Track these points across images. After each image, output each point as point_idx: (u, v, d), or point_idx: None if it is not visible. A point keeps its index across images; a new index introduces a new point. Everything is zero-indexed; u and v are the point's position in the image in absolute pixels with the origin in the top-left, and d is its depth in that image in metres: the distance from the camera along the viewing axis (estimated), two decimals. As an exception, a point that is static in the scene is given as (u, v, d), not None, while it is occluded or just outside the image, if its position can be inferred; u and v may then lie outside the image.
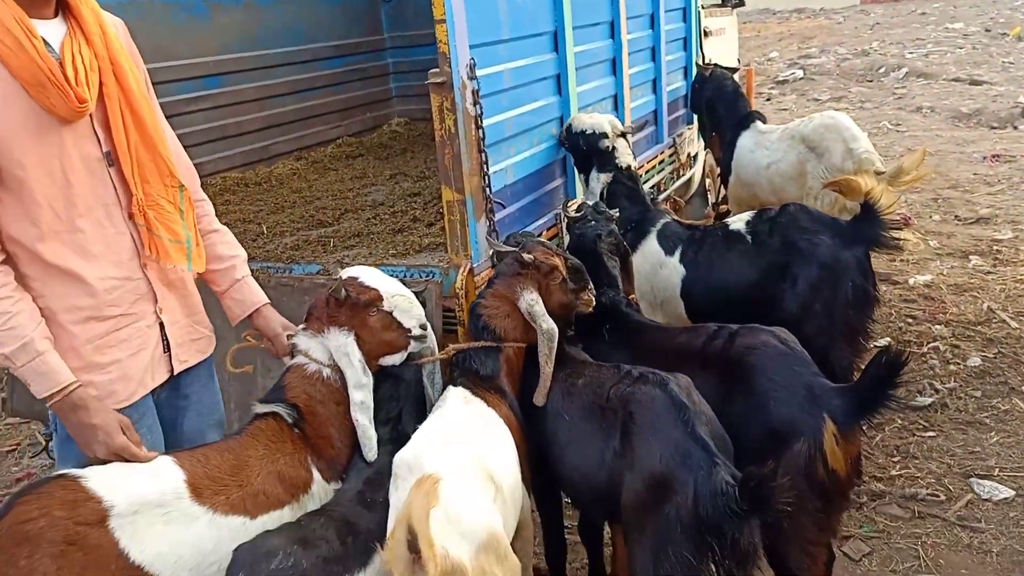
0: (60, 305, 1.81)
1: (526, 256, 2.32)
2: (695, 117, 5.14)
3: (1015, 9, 16.95)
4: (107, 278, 1.85)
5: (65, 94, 1.70)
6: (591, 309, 2.43)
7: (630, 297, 2.71)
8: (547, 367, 2.25)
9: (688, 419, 1.99)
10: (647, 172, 4.51)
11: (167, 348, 2.00)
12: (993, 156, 7.47)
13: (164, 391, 2.04)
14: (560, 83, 3.52)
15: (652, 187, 4.57)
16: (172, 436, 2.08)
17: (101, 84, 1.80)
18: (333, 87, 5.51)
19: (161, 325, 1.99)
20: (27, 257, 1.77)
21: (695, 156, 5.42)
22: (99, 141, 1.82)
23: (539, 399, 2.25)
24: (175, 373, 2.03)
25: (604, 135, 3.33)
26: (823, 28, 17.98)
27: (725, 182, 4.82)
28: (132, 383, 1.91)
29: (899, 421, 3.58)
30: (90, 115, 1.79)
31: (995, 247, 5.34)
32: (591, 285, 2.41)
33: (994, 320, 4.36)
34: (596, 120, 3.35)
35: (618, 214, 2.85)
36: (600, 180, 3.38)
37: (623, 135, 3.37)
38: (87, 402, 1.77)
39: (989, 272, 4.99)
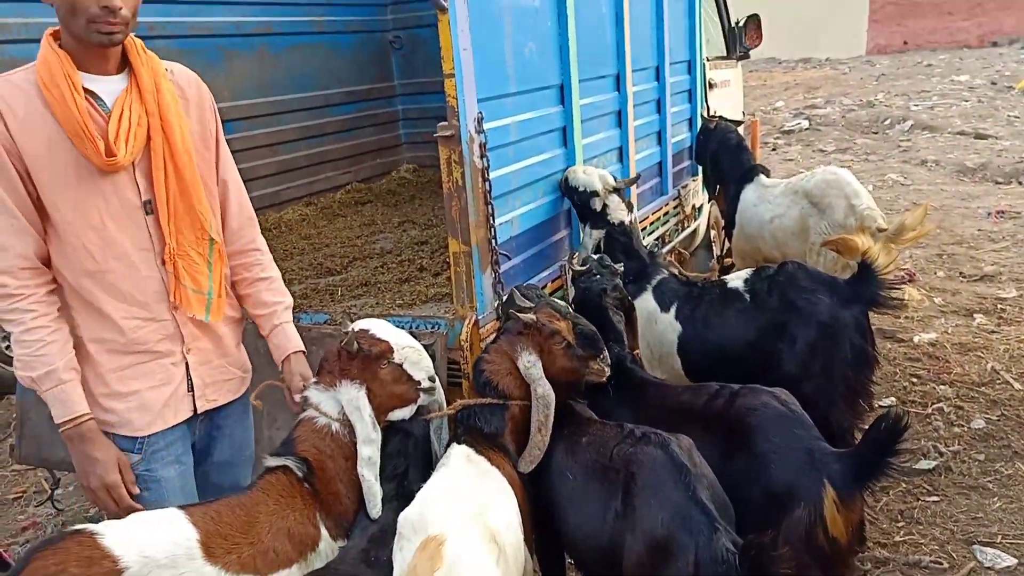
0: (90, 336, 1.98)
1: (526, 317, 2.33)
2: (700, 169, 5.19)
3: (1021, 63, 17.13)
4: (132, 318, 1.99)
5: (95, 148, 1.85)
6: (603, 379, 2.41)
7: (634, 352, 2.72)
8: (539, 434, 2.23)
9: (689, 482, 1.99)
10: (652, 224, 4.54)
11: (191, 387, 2.10)
12: (998, 212, 7.51)
13: (203, 420, 2.18)
14: (566, 135, 3.57)
15: (657, 239, 4.61)
16: (204, 464, 2.24)
17: (149, 138, 1.94)
18: (344, 133, 5.58)
19: (187, 365, 2.09)
20: (68, 288, 1.97)
21: (700, 208, 5.46)
22: (139, 190, 1.97)
23: (524, 466, 2.24)
24: (198, 412, 2.13)
25: (595, 193, 3.35)
26: (829, 79, 18.19)
27: (729, 235, 4.86)
28: (149, 415, 2.03)
29: (903, 485, 3.55)
30: (133, 165, 1.94)
31: (999, 306, 5.34)
32: (605, 354, 2.39)
33: (998, 381, 4.35)
34: (588, 178, 3.38)
35: (622, 268, 2.87)
36: (592, 236, 3.40)
37: (616, 190, 3.39)
38: (94, 435, 1.94)
39: (993, 331, 4.99)
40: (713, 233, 6.01)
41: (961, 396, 4.24)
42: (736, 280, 3.16)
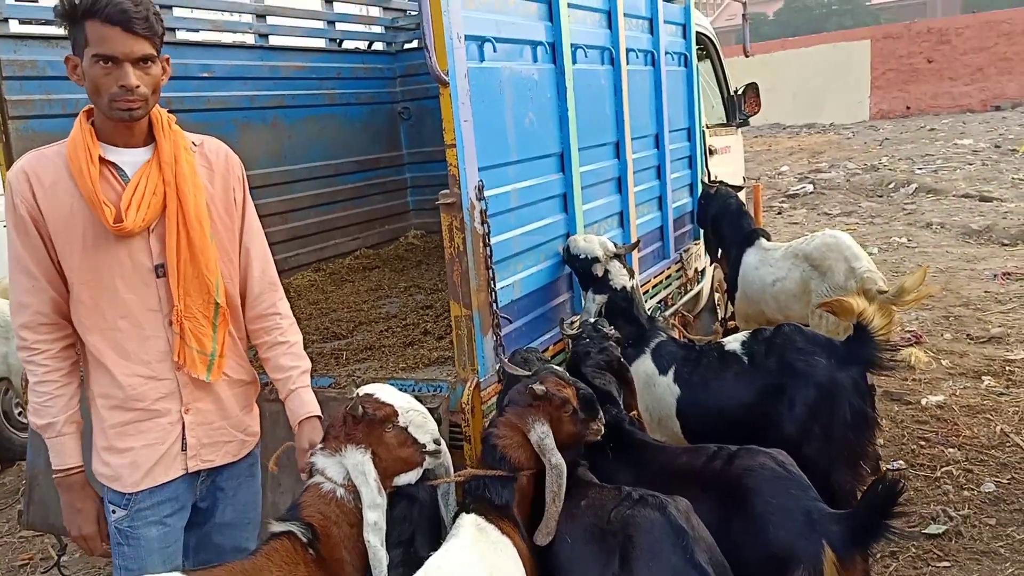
0: (98, 391, 2.10)
1: (539, 388, 2.32)
2: (702, 233, 5.27)
3: None
4: (133, 375, 2.08)
5: (103, 214, 1.96)
6: (599, 438, 2.42)
7: (631, 414, 2.74)
8: (554, 505, 2.22)
9: (687, 545, 1.99)
10: (654, 287, 4.59)
11: (185, 447, 2.15)
12: (1004, 274, 7.53)
13: (205, 481, 2.23)
14: (566, 201, 3.65)
15: (659, 302, 4.65)
16: (207, 524, 2.29)
17: (165, 205, 2.04)
18: (353, 200, 5.71)
19: (183, 425, 2.15)
20: (82, 344, 2.11)
21: (703, 271, 5.52)
22: (152, 254, 2.07)
23: (541, 538, 2.22)
24: (190, 471, 2.17)
25: (596, 260, 3.40)
26: (833, 143, 18.45)
27: (732, 298, 4.90)
28: (139, 472, 2.10)
29: (913, 550, 3.50)
30: (149, 230, 2.06)
31: (1008, 367, 5.32)
32: (600, 414, 2.41)
33: (1008, 444, 4.32)
34: (588, 245, 3.44)
35: (617, 332, 2.91)
36: (596, 301, 3.44)
37: (617, 256, 3.45)
38: (80, 487, 2.12)
39: (1002, 393, 4.97)
40: (717, 296, 6.06)
41: (970, 459, 4.20)
42: (734, 343, 3.19)
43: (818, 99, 23.07)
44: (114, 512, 2.12)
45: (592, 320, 3.05)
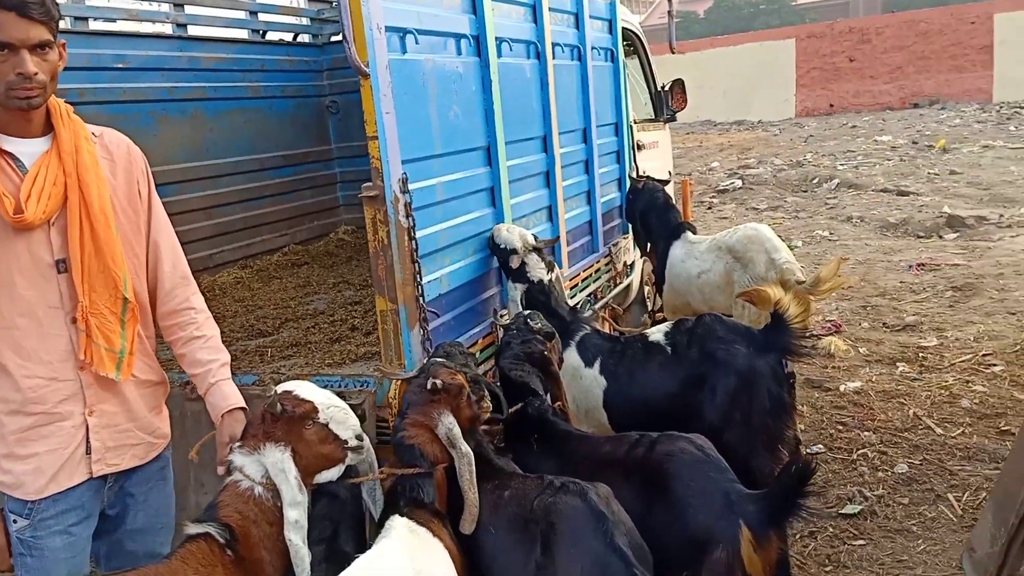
0: None
1: (436, 383, 2.32)
2: (630, 227, 5.34)
3: (940, 123, 18.08)
4: (33, 377, 1.99)
5: (2, 206, 1.88)
6: (487, 413, 2.44)
7: (556, 405, 2.77)
8: (471, 493, 2.23)
9: (607, 529, 2.03)
10: (584, 280, 4.64)
11: (89, 450, 2.07)
12: (919, 265, 7.83)
13: (112, 487, 2.15)
14: (494, 195, 3.66)
15: (589, 295, 4.71)
16: (117, 532, 2.21)
17: (66, 197, 1.97)
18: (281, 196, 5.61)
19: (87, 427, 2.06)
20: None
21: (632, 264, 5.60)
22: (53, 248, 1.99)
23: (467, 527, 2.23)
24: (95, 475, 2.09)
25: (513, 251, 3.42)
26: (761, 140, 18.92)
27: (660, 290, 4.99)
28: (43, 478, 2.01)
29: (831, 529, 3.63)
30: (49, 224, 1.97)
31: (921, 354, 5.55)
32: (486, 392, 2.42)
33: (920, 427, 4.50)
34: (509, 236, 3.46)
35: (549, 326, 2.94)
36: (517, 289, 3.47)
37: (536, 250, 3.48)
38: None
39: (915, 379, 5.17)
40: (647, 289, 6.16)
41: (885, 442, 4.37)
42: (657, 334, 3.25)
43: (747, 97, 23.62)
44: (15, 522, 2.04)
45: (526, 313, 3.07)
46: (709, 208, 12.15)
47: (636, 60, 6.55)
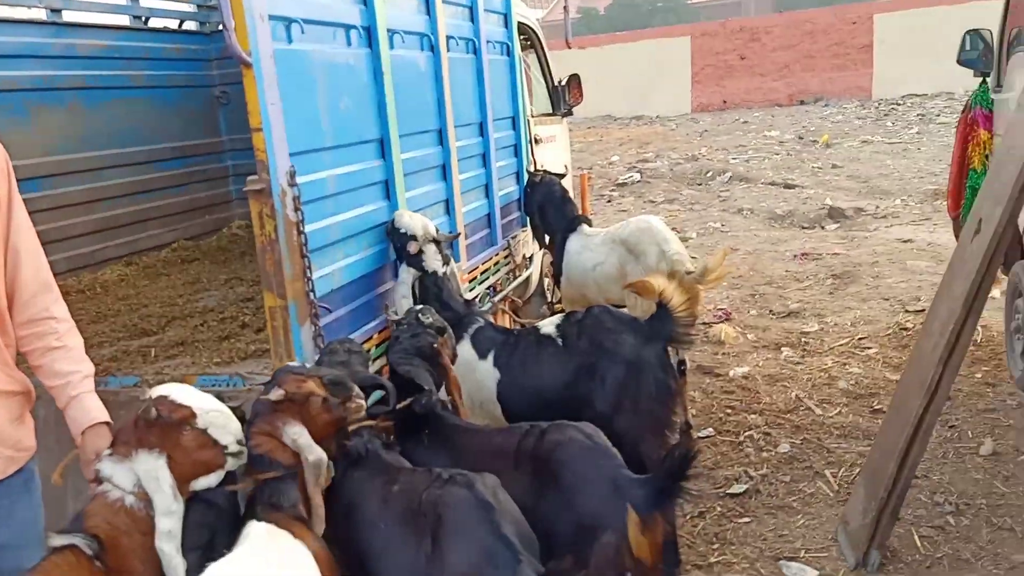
0: None
1: (275, 395, 2.23)
2: (528, 220, 5.40)
3: (824, 119, 18.94)
4: None
5: None
6: (361, 415, 2.38)
7: (447, 399, 2.78)
8: (316, 497, 2.19)
9: (493, 519, 2.06)
10: (483, 273, 4.67)
11: None
12: (803, 254, 8.22)
13: None
14: (388, 188, 3.64)
15: (488, 288, 4.74)
16: None
17: None
18: (170, 189, 5.42)
19: None
20: None
21: (531, 257, 5.66)
22: None
23: (317, 528, 2.19)
24: None
25: (413, 237, 3.42)
26: (659, 134, 19.39)
27: (558, 282, 5.07)
28: None
29: (718, 509, 3.78)
30: None
31: (803, 339, 5.83)
32: (356, 391, 2.36)
33: (801, 408, 4.74)
34: (412, 222, 3.46)
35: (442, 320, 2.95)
36: (409, 273, 3.46)
37: (435, 242, 3.48)
38: None
39: (798, 363, 5.44)
40: (547, 281, 6.24)
41: (769, 423, 4.58)
42: (549, 326, 3.32)
43: (645, 92, 24.14)
44: None
45: (418, 308, 3.06)
46: (609, 202, 12.39)
47: (534, 55, 6.62)
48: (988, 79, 5.04)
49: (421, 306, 3.09)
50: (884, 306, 6.39)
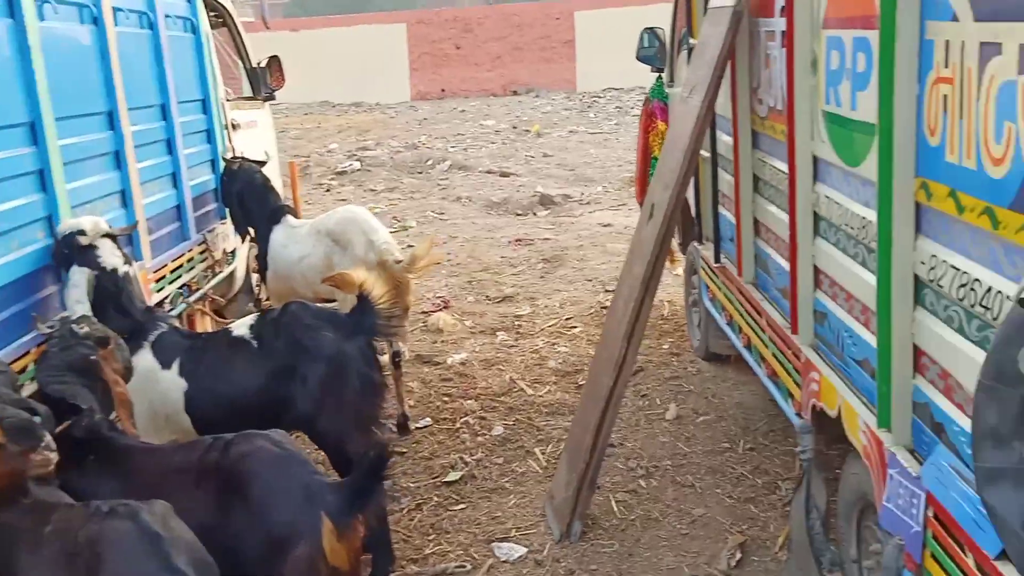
0: None
1: None
2: (228, 211, 5.03)
3: (535, 109, 19.99)
4: None
5: None
6: (50, 468, 2.08)
7: (112, 418, 2.45)
8: None
9: (163, 550, 1.84)
10: (174, 271, 4.25)
11: None
12: (516, 240, 8.56)
13: None
14: (44, 179, 3.16)
15: (182, 287, 4.33)
16: None
17: None
18: None
19: None
20: None
21: (234, 252, 5.28)
22: None
23: None
24: None
25: (81, 232, 3.05)
26: (379, 122, 19.28)
27: (264, 277, 4.78)
28: None
29: (435, 499, 3.78)
30: None
31: (517, 323, 6.05)
32: (45, 441, 2.06)
33: (515, 389, 4.90)
34: (74, 221, 3.10)
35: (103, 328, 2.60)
36: (84, 273, 3.05)
37: (110, 236, 3.10)
38: None
39: (512, 346, 5.63)
40: (256, 276, 5.87)
41: (485, 407, 4.68)
42: (241, 327, 3.10)
43: (364, 78, 23.85)
44: None
45: (73, 317, 2.67)
46: (328, 191, 12.06)
47: (229, 35, 6.18)
48: (663, 74, 5.53)
49: (78, 315, 2.70)
50: (588, 287, 6.83)
